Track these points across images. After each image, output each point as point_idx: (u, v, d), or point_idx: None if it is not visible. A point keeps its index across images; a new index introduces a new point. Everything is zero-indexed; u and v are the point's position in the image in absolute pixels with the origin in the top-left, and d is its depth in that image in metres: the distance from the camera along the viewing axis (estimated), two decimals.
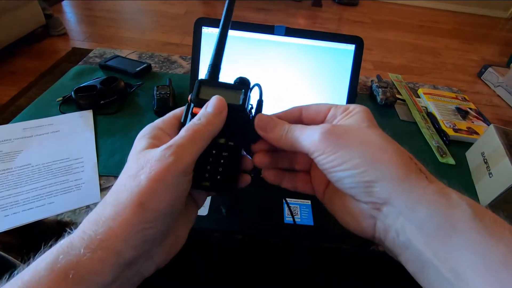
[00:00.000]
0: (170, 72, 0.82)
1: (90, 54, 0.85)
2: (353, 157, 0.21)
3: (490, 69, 2.27)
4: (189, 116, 0.25)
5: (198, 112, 0.25)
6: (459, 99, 0.84)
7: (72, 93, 0.65)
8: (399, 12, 3.47)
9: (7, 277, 0.19)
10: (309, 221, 0.46)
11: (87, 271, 0.18)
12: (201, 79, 0.27)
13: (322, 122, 0.27)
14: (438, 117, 0.76)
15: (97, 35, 2.21)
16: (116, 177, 0.51)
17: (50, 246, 0.20)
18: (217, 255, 0.49)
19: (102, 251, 0.19)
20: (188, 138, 0.22)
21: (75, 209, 0.46)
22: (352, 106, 0.25)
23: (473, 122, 0.76)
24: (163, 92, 0.67)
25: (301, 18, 3.01)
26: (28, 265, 0.19)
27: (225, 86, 0.27)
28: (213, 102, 0.24)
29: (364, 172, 0.21)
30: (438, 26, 3.24)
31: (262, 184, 0.51)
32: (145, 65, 0.79)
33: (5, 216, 0.44)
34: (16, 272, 0.19)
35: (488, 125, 0.75)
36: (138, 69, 0.77)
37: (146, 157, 0.22)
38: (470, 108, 0.81)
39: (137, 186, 0.20)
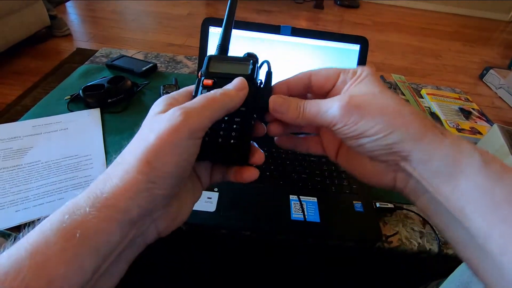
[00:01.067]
0: (175, 72, 0.83)
1: (97, 54, 0.86)
2: (374, 125, 0.22)
3: (491, 71, 2.28)
4: (200, 88, 0.26)
5: (208, 84, 0.25)
6: (462, 100, 0.85)
7: (80, 91, 0.66)
8: (400, 14, 3.48)
9: (13, 239, 0.18)
10: (316, 218, 0.47)
11: (93, 230, 0.18)
12: (211, 55, 0.28)
13: (332, 88, 0.27)
14: (442, 117, 0.76)
15: (100, 36, 2.22)
16: None
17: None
18: (224, 252, 0.50)
19: (107, 209, 0.19)
20: (200, 103, 0.22)
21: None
22: (359, 69, 0.26)
23: (476, 122, 0.77)
24: (169, 91, 0.68)
25: (303, 20, 3.02)
26: (33, 227, 0.19)
27: (234, 59, 0.27)
28: (234, 82, 0.25)
29: (384, 136, 0.22)
30: (439, 29, 3.25)
31: (268, 181, 0.52)
32: (151, 64, 0.80)
33: (16, 211, 0.44)
34: (21, 234, 0.19)
35: (491, 125, 0.76)
36: (144, 68, 0.78)
37: (156, 119, 0.22)
38: (473, 109, 0.81)
39: (145, 145, 0.20)
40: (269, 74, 0.28)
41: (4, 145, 0.55)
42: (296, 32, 0.59)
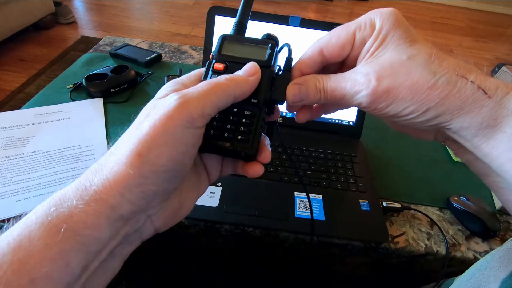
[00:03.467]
0: (180, 62, 0.81)
1: (100, 42, 0.85)
2: (406, 106, 0.21)
3: (504, 68, 2.21)
4: (210, 72, 0.23)
5: (219, 68, 0.23)
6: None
7: (83, 80, 0.64)
8: (411, 8, 3.40)
9: None
10: (321, 216, 0.46)
11: (80, 224, 0.17)
12: (225, 34, 0.25)
13: (350, 52, 0.24)
14: None
15: (105, 24, 2.20)
16: None
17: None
18: (226, 247, 0.49)
19: (95, 203, 0.17)
20: (202, 88, 0.20)
21: None
22: (378, 21, 0.22)
23: None
24: None
25: (311, 11, 2.96)
26: (18, 219, 0.18)
27: (251, 41, 0.24)
28: (246, 67, 0.23)
29: (419, 115, 0.21)
30: (451, 23, 3.16)
31: (272, 177, 0.51)
32: (156, 54, 0.78)
33: (16, 201, 0.44)
34: (5, 226, 0.18)
35: None
36: (148, 58, 0.76)
37: (154, 104, 0.20)
38: None
39: (138, 134, 0.18)
40: (288, 61, 0.25)
41: (6, 133, 0.54)
42: (305, 23, 0.57)
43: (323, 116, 0.31)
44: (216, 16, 0.57)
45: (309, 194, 0.49)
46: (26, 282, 0.15)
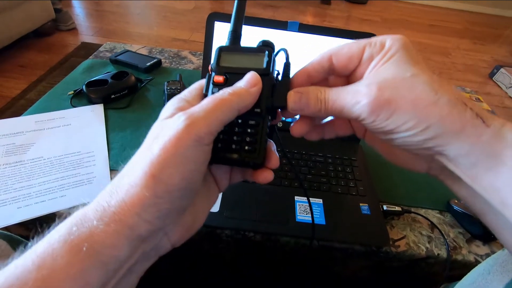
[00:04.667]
0: (180, 67, 0.82)
1: (101, 49, 0.85)
2: (406, 121, 0.20)
3: (502, 69, 2.23)
4: (211, 85, 0.24)
5: (219, 81, 0.23)
6: (473, 100, 0.83)
7: (84, 86, 0.65)
8: (408, 10, 3.42)
9: (22, 249, 0.18)
10: (321, 220, 0.46)
11: (101, 244, 0.18)
12: (222, 46, 0.25)
13: (357, 66, 0.24)
14: None
15: (105, 30, 2.22)
16: None
17: (65, 218, 0.19)
18: (227, 253, 0.49)
19: (115, 224, 0.18)
20: (207, 106, 0.20)
21: (87, 203, 0.46)
22: (388, 41, 0.23)
23: None
24: (173, 88, 0.67)
25: (309, 15, 2.98)
26: (42, 236, 0.19)
27: (247, 50, 0.25)
28: (246, 77, 0.23)
29: (418, 132, 0.20)
30: (448, 26, 3.18)
31: (273, 181, 0.51)
32: (155, 60, 0.79)
33: (17, 208, 0.44)
34: (30, 244, 0.18)
35: None
36: (148, 64, 0.77)
37: (161, 125, 0.21)
38: (485, 109, 0.79)
39: (149, 156, 0.19)
40: (286, 66, 0.25)
41: (7, 140, 0.54)
42: (304, 28, 0.57)
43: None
44: (215, 22, 0.58)
45: (309, 198, 0.49)
46: None
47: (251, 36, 0.58)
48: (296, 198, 0.49)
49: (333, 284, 0.56)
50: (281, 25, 0.57)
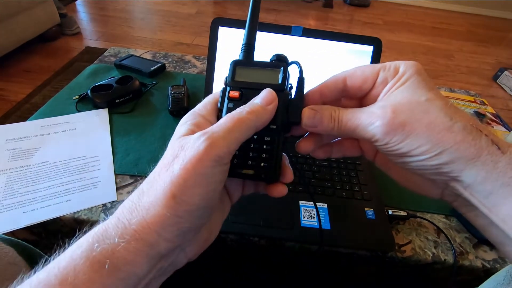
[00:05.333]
0: (184, 72, 0.82)
1: (105, 53, 0.86)
2: (421, 144, 0.20)
3: (506, 72, 2.21)
4: (226, 101, 0.24)
5: (235, 96, 0.23)
6: (478, 103, 0.82)
7: (89, 91, 0.65)
8: (411, 13, 3.42)
9: (43, 261, 0.19)
10: (326, 225, 0.46)
11: (122, 261, 0.18)
12: (236, 60, 0.25)
13: (370, 90, 0.24)
14: None
15: (109, 34, 2.24)
16: (131, 176, 0.52)
17: (85, 232, 0.20)
18: (232, 257, 0.49)
19: (135, 242, 0.18)
20: (226, 126, 0.20)
21: (92, 207, 0.46)
22: (402, 66, 0.23)
23: (492, 126, 0.74)
24: (177, 92, 0.67)
25: (311, 19, 2.98)
26: (63, 250, 0.19)
27: (262, 65, 0.25)
28: (262, 94, 0.23)
29: (432, 157, 0.20)
30: (451, 28, 3.17)
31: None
32: (160, 64, 0.79)
33: (23, 212, 0.44)
34: (52, 258, 0.19)
35: (508, 129, 0.73)
36: (152, 68, 0.77)
37: (181, 144, 0.21)
38: (489, 113, 0.79)
39: (170, 176, 0.19)
40: (301, 81, 0.25)
41: (13, 145, 0.55)
42: (308, 33, 0.57)
43: None
44: (219, 27, 0.58)
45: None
46: None
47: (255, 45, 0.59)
48: (301, 202, 0.49)
49: (337, 287, 0.56)
50: (285, 30, 0.57)
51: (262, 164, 0.23)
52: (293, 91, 0.25)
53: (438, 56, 2.54)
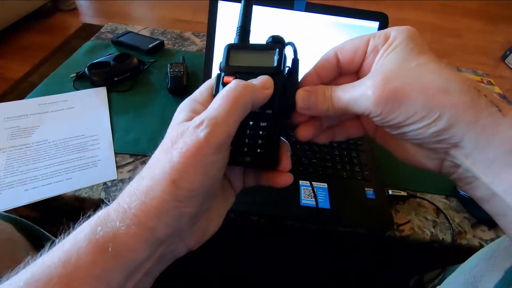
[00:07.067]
0: (183, 49, 0.80)
1: (102, 30, 0.83)
2: (416, 111, 0.19)
3: None
4: (221, 86, 0.23)
5: (229, 82, 0.22)
6: (485, 83, 0.80)
7: (86, 69, 0.64)
8: None
9: (49, 245, 0.19)
10: (326, 204, 0.46)
11: (123, 245, 0.18)
12: (230, 44, 0.24)
13: (363, 60, 0.24)
14: None
15: (106, 10, 2.17)
16: (131, 155, 0.51)
17: (89, 217, 0.20)
18: (230, 236, 0.50)
19: (135, 227, 0.18)
20: (223, 109, 0.20)
21: (93, 186, 0.46)
22: (392, 32, 0.22)
23: None
24: (176, 70, 0.66)
25: None
26: (68, 234, 0.19)
27: (257, 48, 0.24)
28: (260, 78, 0.22)
29: (430, 123, 0.19)
30: (462, 5, 3.05)
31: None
32: (158, 41, 0.77)
33: (25, 190, 0.44)
34: (57, 241, 0.19)
35: None
36: (150, 45, 0.75)
37: (180, 130, 0.20)
38: (496, 93, 0.77)
39: (169, 162, 0.19)
40: (295, 62, 0.25)
41: (12, 123, 0.54)
42: (311, 7, 0.55)
43: None
44: (219, 1, 0.56)
45: (315, 183, 0.49)
46: None
47: (257, 17, 0.56)
48: (301, 182, 0.49)
49: (336, 266, 0.57)
50: (287, 4, 0.55)
51: (259, 150, 0.23)
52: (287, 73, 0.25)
53: (445, 34, 2.46)
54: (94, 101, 0.61)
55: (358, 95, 0.21)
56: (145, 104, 0.62)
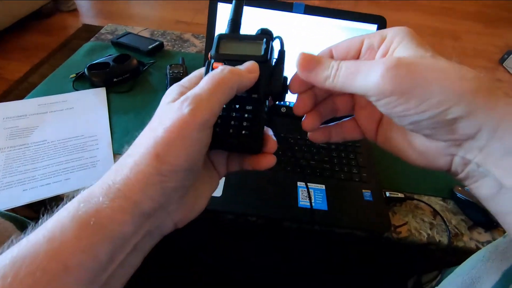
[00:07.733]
0: (182, 50, 0.80)
1: (102, 31, 0.84)
2: (433, 94, 0.18)
3: None
4: (210, 72, 0.24)
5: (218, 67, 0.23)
6: None
7: (85, 70, 0.64)
8: None
9: (33, 225, 0.19)
10: (323, 206, 0.46)
11: (107, 219, 0.18)
12: (221, 34, 0.26)
13: (357, 58, 0.24)
14: None
15: (106, 11, 2.17)
16: None
17: (71, 198, 0.20)
18: (229, 237, 0.50)
19: (120, 200, 0.19)
20: (208, 88, 0.20)
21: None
22: (389, 32, 0.21)
23: None
24: (176, 71, 0.66)
25: None
26: (51, 215, 0.19)
27: (246, 37, 0.25)
28: (246, 64, 0.23)
29: (447, 109, 0.18)
30: (461, 8, 3.06)
31: (275, 167, 0.51)
32: (158, 43, 0.77)
33: (23, 190, 0.45)
34: (40, 222, 0.19)
35: None
36: (150, 47, 0.75)
37: (165, 109, 0.21)
38: None
39: (154, 137, 0.20)
40: (281, 54, 0.26)
41: (11, 123, 0.54)
42: (310, 10, 0.55)
43: None
44: (218, 3, 0.56)
45: (312, 184, 0.49)
46: (61, 269, 0.17)
47: (256, 19, 0.57)
48: (299, 183, 0.49)
49: (333, 267, 0.57)
50: (286, 7, 0.55)
51: (244, 132, 0.23)
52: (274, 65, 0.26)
53: (444, 37, 2.47)
54: (94, 102, 0.61)
55: (368, 69, 0.20)
56: (145, 105, 0.62)
